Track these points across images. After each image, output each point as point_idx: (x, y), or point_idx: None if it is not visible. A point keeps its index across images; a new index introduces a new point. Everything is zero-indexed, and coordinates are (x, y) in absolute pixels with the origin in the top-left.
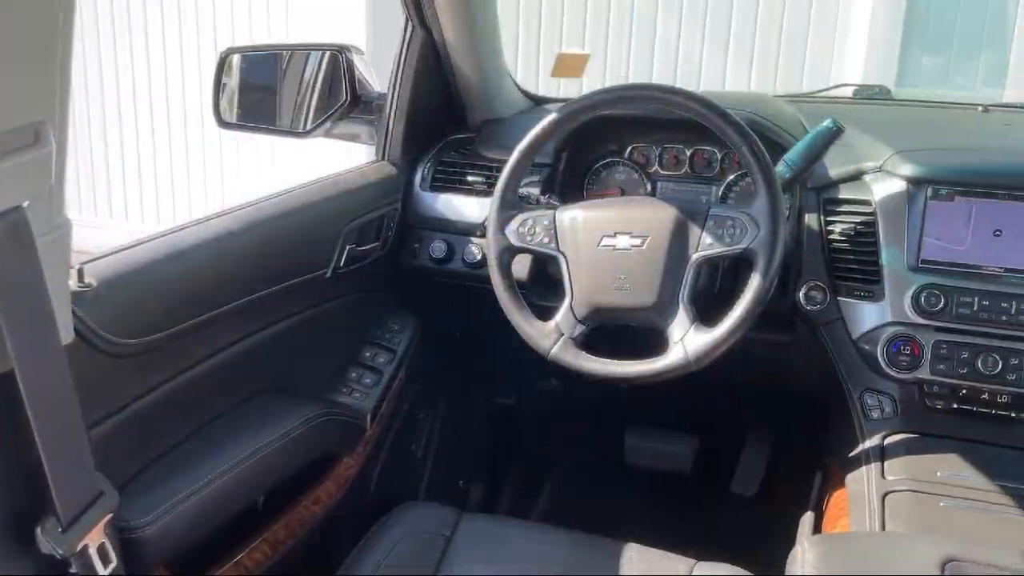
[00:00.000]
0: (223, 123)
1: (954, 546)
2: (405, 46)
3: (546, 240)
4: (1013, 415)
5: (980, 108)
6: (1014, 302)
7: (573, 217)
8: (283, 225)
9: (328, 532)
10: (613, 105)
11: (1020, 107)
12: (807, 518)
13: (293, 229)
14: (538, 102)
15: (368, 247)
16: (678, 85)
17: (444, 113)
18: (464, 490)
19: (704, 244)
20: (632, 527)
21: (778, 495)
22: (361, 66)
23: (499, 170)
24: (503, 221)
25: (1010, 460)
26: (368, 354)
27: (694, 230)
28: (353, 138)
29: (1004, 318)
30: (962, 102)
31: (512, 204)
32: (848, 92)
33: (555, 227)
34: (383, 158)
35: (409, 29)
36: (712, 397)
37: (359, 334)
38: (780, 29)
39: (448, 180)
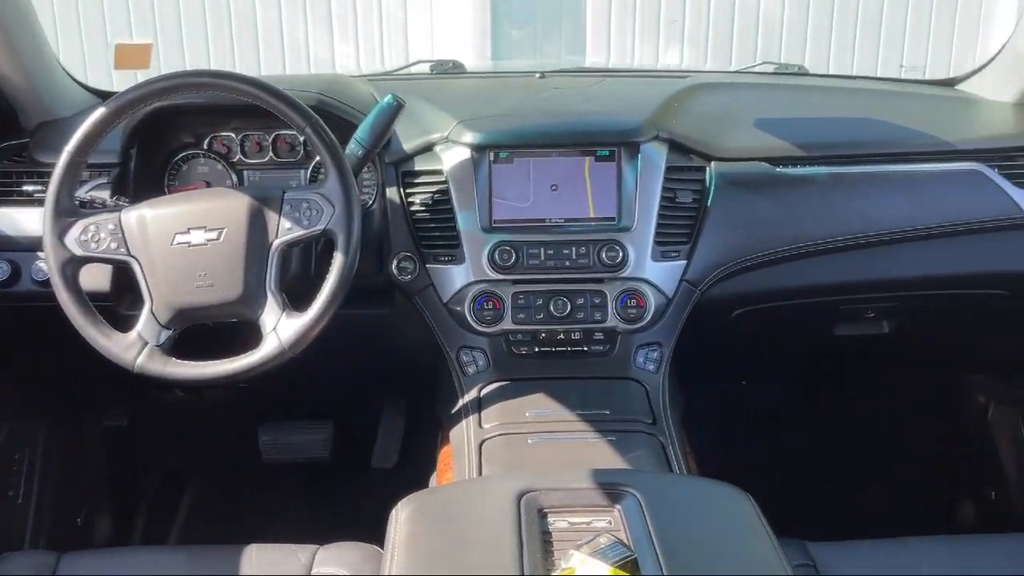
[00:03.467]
0: None
1: (529, 479)
2: None
3: (114, 245)
4: (585, 348)
5: (538, 75)
6: (574, 248)
7: (140, 217)
8: None
9: None
10: (165, 95)
11: (570, 71)
12: (433, 479)
13: None
14: (106, 98)
15: None
16: (286, 71)
17: None
18: (85, 527)
19: (283, 229)
20: (275, 524)
21: (415, 461)
22: None
23: None
24: (61, 230)
25: (586, 389)
26: None
27: (271, 216)
28: None
29: (567, 264)
30: (525, 71)
31: (69, 211)
32: (426, 68)
33: (122, 230)
34: None
35: None
36: (339, 379)
37: None
38: (379, 9)
39: (2, 192)
